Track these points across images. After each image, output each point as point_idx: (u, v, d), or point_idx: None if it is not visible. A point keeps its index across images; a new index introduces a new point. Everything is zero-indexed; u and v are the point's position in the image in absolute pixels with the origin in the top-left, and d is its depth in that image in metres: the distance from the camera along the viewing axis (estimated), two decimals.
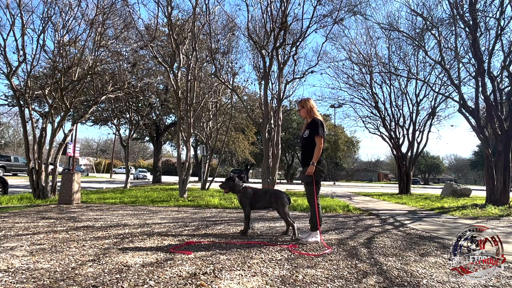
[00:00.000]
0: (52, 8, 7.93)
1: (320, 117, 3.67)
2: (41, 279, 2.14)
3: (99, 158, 54.75)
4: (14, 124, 34.00)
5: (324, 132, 3.54)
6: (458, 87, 10.09)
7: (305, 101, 3.73)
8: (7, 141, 43.05)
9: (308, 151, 3.56)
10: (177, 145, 10.01)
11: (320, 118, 3.62)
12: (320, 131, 3.50)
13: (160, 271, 2.37)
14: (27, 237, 3.44)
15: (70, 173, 7.25)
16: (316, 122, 3.57)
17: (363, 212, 6.96)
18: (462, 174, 72.76)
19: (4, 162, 22.85)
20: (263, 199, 3.93)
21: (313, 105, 3.73)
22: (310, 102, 3.73)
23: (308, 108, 3.69)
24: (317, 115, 3.66)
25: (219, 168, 32.54)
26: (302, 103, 3.76)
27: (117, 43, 10.97)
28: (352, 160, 63.84)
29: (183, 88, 10.10)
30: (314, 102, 3.80)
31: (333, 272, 2.50)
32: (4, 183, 8.50)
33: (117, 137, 16.89)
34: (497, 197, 8.89)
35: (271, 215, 6.00)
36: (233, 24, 12.23)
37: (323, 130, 3.54)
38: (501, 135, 9.08)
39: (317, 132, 3.50)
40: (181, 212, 6.24)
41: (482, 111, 12.08)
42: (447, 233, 4.51)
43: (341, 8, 10.32)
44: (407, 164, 16.02)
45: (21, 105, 8.04)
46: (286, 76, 11.48)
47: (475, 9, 9.21)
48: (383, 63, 15.46)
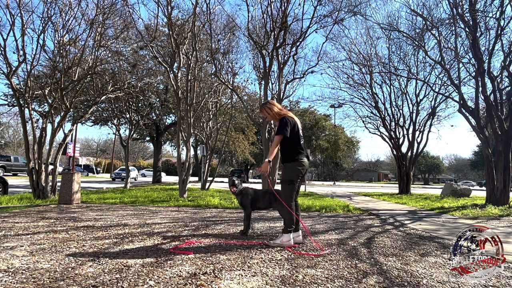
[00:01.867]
0: (52, 8, 7.94)
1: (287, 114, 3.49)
2: (41, 279, 2.14)
3: (99, 158, 54.74)
4: (14, 124, 34.04)
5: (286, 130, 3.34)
6: (458, 87, 10.08)
7: (266, 107, 3.57)
8: (7, 141, 43.06)
9: (280, 151, 3.48)
10: (177, 145, 10.01)
11: (286, 115, 3.46)
12: (280, 130, 3.35)
13: (160, 271, 2.37)
14: (27, 237, 3.44)
15: (70, 173, 7.25)
16: (280, 121, 3.44)
17: (363, 212, 6.96)
18: (462, 174, 72.75)
19: (4, 162, 22.84)
20: (264, 199, 3.93)
21: (276, 107, 3.55)
22: (272, 106, 3.55)
23: (273, 113, 3.54)
24: (283, 114, 3.50)
25: (219, 168, 32.57)
26: (265, 110, 3.58)
27: (117, 43, 10.98)
28: (352, 160, 63.82)
29: (183, 88, 10.10)
30: (273, 103, 3.60)
31: (333, 272, 2.50)
32: (4, 183, 8.50)
33: (117, 137, 16.90)
34: (497, 197, 8.89)
35: (271, 215, 6.00)
36: (233, 24, 12.24)
37: (286, 127, 3.35)
38: (501, 135, 9.08)
39: (277, 131, 3.40)
40: (181, 212, 6.24)
41: (482, 111, 12.08)
42: (447, 233, 4.51)
43: (341, 8, 10.34)
44: (407, 164, 16.02)
45: (21, 105, 8.04)
46: (286, 76, 11.49)
47: (475, 9, 9.21)
48: (383, 63, 15.48)
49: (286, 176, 3.39)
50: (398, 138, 16.63)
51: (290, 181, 3.38)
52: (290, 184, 3.39)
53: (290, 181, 3.38)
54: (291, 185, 3.39)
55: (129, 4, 9.47)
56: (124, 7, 9.46)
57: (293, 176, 3.38)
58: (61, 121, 8.53)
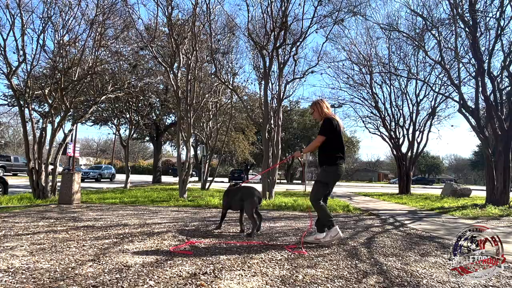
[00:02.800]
0: (52, 8, 7.93)
1: (331, 114, 3.57)
2: (41, 279, 2.14)
3: (99, 158, 54.74)
4: (14, 124, 33.96)
5: (329, 131, 3.42)
6: (458, 87, 10.09)
7: (317, 104, 3.65)
8: (7, 141, 43.03)
9: (320, 152, 3.51)
10: (177, 145, 10.01)
11: (329, 116, 3.52)
12: (322, 130, 3.45)
13: (160, 271, 2.37)
14: (27, 237, 3.44)
15: (70, 173, 7.25)
16: (323, 122, 3.49)
17: (363, 212, 6.96)
18: (462, 174, 72.71)
19: (4, 162, 22.83)
20: (235, 198, 3.89)
21: (325, 107, 3.61)
22: (322, 105, 3.62)
23: (319, 111, 3.61)
24: (327, 114, 3.57)
25: (219, 168, 32.58)
26: (315, 106, 3.66)
27: (117, 43, 10.98)
28: (352, 160, 63.78)
29: (183, 88, 10.10)
30: (323, 102, 3.68)
31: (333, 272, 2.50)
32: (4, 183, 8.50)
33: (117, 137, 16.87)
34: (497, 197, 8.88)
35: (271, 215, 6.00)
36: (233, 24, 12.23)
37: (329, 128, 3.43)
38: (501, 135, 9.07)
39: (319, 131, 3.49)
40: (181, 212, 6.23)
41: (482, 111, 12.08)
42: (447, 233, 4.51)
43: (341, 8, 10.32)
44: (407, 164, 16.02)
45: (21, 105, 8.04)
46: (286, 76, 11.46)
47: (475, 9, 9.21)
48: (383, 63, 15.47)
49: (323, 178, 3.42)
50: (398, 138, 16.62)
51: (325, 183, 3.44)
52: (324, 186, 3.44)
53: (325, 184, 3.44)
54: (324, 187, 3.45)
55: (129, 4, 9.47)
56: (124, 7, 9.46)
57: (330, 179, 3.45)
58: (61, 121, 8.53)
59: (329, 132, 3.42)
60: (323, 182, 3.44)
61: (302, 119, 33.03)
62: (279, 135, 10.28)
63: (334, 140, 3.44)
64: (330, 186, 3.53)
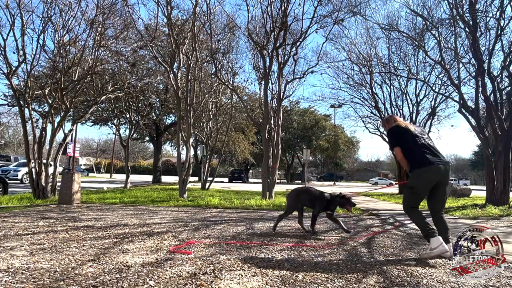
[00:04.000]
0: (52, 8, 7.94)
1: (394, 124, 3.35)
2: (41, 279, 2.14)
3: (99, 158, 54.71)
4: (14, 124, 33.96)
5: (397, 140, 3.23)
6: (458, 87, 10.08)
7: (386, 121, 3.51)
8: (7, 141, 43.02)
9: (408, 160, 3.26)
10: (177, 145, 10.01)
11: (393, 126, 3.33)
12: (391, 143, 3.31)
13: (160, 271, 2.37)
14: (27, 237, 3.44)
15: (70, 173, 7.25)
16: (387, 134, 3.40)
17: (363, 212, 6.96)
18: (462, 174, 72.68)
19: (4, 162, 22.82)
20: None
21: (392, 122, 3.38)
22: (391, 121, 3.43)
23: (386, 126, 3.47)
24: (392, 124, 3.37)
25: (219, 168, 32.59)
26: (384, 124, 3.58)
27: (117, 43, 10.97)
28: (352, 160, 63.77)
29: (183, 88, 10.10)
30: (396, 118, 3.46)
31: (333, 272, 2.50)
32: (4, 183, 8.50)
33: (117, 137, 16.86)
34: (497, 197, 8.88)
35: (271, 215, 5.99)
36: (233, 24, 12.23)
37: (394, 138, 3.26)
38: (501, 135, 9.07)
39: (390, 145, 3.36)
40: (181, 212, 6.23)
41: (482, 111, 12.07)
42: None
43: (341, 8, 10.32)
44: None
45: (21, 105, 8.04)
46: (286, 76, 11.46)
47: (475, 9, 9.20)
48: (383, 63, 15.46)
49: (409, 182, 3.23)
50: None
51: (411, 187, 3.20)
52: (411, 191, 3.21)
53: (411, 188, 3.20)
54: (412, 193, 3.21)
55: (129, 4, 9.47)
56: (124, 7, 9.46)
57: (415, 183, 3.16)
58: (61, 121, 8.53)
59: (391, 142, 3.28)
60: (409, 187, 3.23)
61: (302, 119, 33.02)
62: (279, 135, 10.28)
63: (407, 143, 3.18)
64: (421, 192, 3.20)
